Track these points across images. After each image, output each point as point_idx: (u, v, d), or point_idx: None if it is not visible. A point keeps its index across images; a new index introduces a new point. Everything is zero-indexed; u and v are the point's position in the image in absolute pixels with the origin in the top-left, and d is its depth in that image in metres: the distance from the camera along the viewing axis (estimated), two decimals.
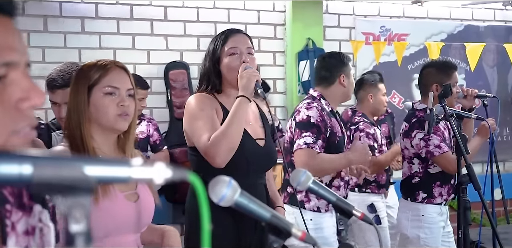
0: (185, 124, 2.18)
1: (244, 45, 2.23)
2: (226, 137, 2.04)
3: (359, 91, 4.02)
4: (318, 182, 1.63)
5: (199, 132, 2.09)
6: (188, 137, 2.19)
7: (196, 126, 2.12)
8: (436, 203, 3.25)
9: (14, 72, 0.76)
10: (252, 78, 2.12)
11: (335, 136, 2.85)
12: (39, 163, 0.61)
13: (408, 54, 5.30)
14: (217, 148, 2.03)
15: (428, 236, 3.25)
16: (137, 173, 0.65)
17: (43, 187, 0.62)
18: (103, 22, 4.51)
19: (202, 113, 2.13)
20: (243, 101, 2.11)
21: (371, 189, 3.91)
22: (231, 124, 2.07)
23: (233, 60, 2.19)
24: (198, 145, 2.10)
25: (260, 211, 1.21)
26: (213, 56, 2.22)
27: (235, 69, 2.17)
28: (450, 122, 2.59)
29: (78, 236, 0.62)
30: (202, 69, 2.28)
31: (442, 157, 3.09)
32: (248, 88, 2.12)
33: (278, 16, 4.98)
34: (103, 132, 1.70)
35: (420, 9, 5.49)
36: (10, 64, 0.75)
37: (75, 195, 0.62)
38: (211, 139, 2.04)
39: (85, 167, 0.63)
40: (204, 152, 2.08)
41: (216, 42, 2.24)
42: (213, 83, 2.22)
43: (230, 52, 2.20)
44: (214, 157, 2.04)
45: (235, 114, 2.09)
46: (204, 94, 2.21)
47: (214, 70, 2.21)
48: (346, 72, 3.01)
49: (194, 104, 2.16)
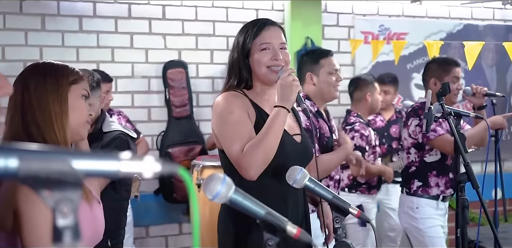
0: (214, 126, 2.05)
1: (278, 39, 2.08)
2: (261, 150, 1.90)
3: (355, 91, 4.01)
4: (314, 179, 1.63)
5: (230, 141, 1.96)
6: (218, 140, 2.05)
7: (225, 133, 1.98)
8: (432, 195, 3.27)
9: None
10: (295, 88, 1.97)
11: (323, 137, 2.85)
12: (26, 156, 0.60)
13: (407, 53, 5.29)
14: (252, 161, 1.89)
15: (427, 226, 3.28)
16: (126, 167, 0.64)
17: (30, 181, 0.61)
18: (101, 21, 4.50)
19: (232, 116, 1.98)
20: (283, 113, 1.96)
21: (361, 191, 3.92)
22: (267, 136, 1.92)
23: (264, 55, 2.05)
24: (229, 154, 1.97)
25: (254, 208, 1.20)
26: (242, 49, 2.07)
27: (265, 64, 2.05)
28: (448, 120, 2.58)
29: (66, 230, 0.61)
30: (231, 62, 2.12)
31: (438, 140, 3.15)
32: (290, 99, 1.97)
33: (276, 15, 4.97)
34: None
35: (419, 8, 5.48)
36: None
37: (63, 189, 0.61)
38: (245, 150, 1.91)
39: (73, 161, 0.62)
40: (236, 163, 1.95)
41: (247, 34, 2.08)
42: (243, 77, 2.08)
43: (262, 47, 2.05)
44: (247, 169, 1.90)
45: (272, 125, 1.94)
46: (233, 92, 2.06)
47: (244, 64, 2.07)
48: (315, 70, 2.93)
49: (223, 105, 2.01)
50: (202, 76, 4.77)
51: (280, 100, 1.98)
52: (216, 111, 2.03)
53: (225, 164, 2.09)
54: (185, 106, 4.62)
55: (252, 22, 2.13)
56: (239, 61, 2.08)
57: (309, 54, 3.09)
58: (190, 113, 4.64)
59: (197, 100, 4.76)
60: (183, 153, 4.55)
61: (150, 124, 4.57)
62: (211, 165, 3.86)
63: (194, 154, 4.53)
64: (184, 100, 4.62)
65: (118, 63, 4.52)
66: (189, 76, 4.67)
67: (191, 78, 4.69)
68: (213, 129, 2.07)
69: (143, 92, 4.62)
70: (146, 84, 4.62)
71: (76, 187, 0.62)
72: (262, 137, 1.92)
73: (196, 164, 3.92)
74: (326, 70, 2.92)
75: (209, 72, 4.78)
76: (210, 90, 4.79)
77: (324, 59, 2.95)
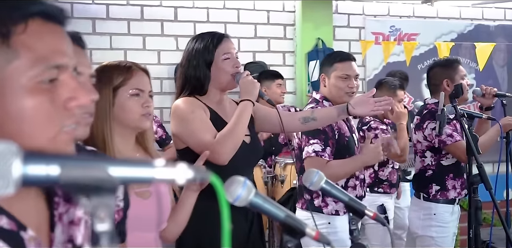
0: (177, 127, 2.24)
1: (235, 50, 2.34)
2: (232, 136, 2.16)
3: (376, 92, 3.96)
4: (330, 182, 1.64)
5: (199, 133, 2.18)
6: (182, 140, 2.24)
7: (192, 128, 2.20)
8: (450, 199, 3.25)
9: (64, 74, 0.83)
10: (256, 84, 2.28)
11: (344, 137, 2.83)
12: (66, 164, 0.62)
13: (418, 54, 5.29)
14: (224, 146, 2.14)
15: (439, 235, 3.25)
16: (160, 173, 0.67)
17: (69, 187, 0.63)
18: (114, 22, 4.54)
19: (195, 115, 2.21)
20: (249, 105, 2.25)
21: (383, 189, 3.91)
22: (237, 124, 2.19)
23: (227, 64, 2.28)
24: (200, 144, 2.17)
25: (274, 211, 1.22)
26: (204, 58, 2.26)
27: (229, 73, 2.28)
28: (461, 122, 2.59)
29: (103, 235, 0.64)
30: (186, 70, 2.29)
31: (454, 146, 3.09)
32: (253, 93, 2.27)
33: (288, 16, 4.99)
34: (124, 131, 1.77)
35: (430, 8, 5.48)
36: (60, 66, 0.82)
37: (100, 195, 0.64)
38: (218, 137, 2.15)
39: (110, 168, 0.65)
40: (209, 149, 2.11)
41: (206, 45, 2.28)
42: (201, 85, 2.28)
43: (225, 56, 2.27)
44: (220, 154, 2.14)
45: (241, 115, 2.21)
46: (189, 98, 2.27)
47: (204, 72, 2.27)
48: (328, 72, 2.91)
49: (184, 107, 2.22)
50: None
51: (245, 95, 2.25)
52: (177, 113, 2.24)
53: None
54: None
55: (207, 34, 2.33)
56: (198, 70, 2.27)
57: (329, 55, 3.09)
58: None
59: None
60: None
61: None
62: None
63: None
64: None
65: None
66: None
67: None
68: (176, 130, 2.25)
69: (155, 93, 4.60)
70: (158, 85, 4.66)
71: (112, 193, 0.65)
72: (232, 126, 2.18)
73: None
74: (337, 74, 2.86)
75: None
76: None
77: (339, 63, 2.88)
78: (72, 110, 0.82)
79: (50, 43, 0.82)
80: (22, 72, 0.80)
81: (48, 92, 0.81)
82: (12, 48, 0.80)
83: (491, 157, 3.39)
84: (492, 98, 3.31)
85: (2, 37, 0.79)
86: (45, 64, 0.80)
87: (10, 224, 0.81)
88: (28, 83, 0.80)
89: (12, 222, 0.82)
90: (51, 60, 0.81)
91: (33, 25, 0.81)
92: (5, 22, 0.79)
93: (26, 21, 0.80)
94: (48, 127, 0.81)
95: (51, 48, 0.82)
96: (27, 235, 0.83)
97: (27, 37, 0.80)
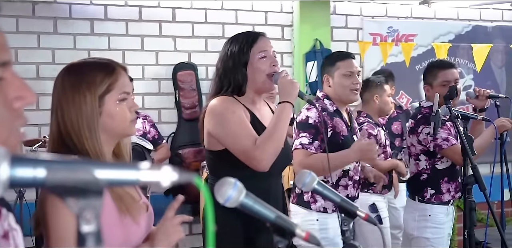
0: (215, 128, 2.13)
1: (271, 48, 2.25)
2: (273, 141, 2.06)
3: (365, 92, 4.02)
4: (323, 183, 1.66)
5: (240, 137, 2.08)
6: (220, 141, 2.13)
7: (233, 131, 2.10)
8: (444, 201, 3.26)
9: (8, 72, 0.77)
10: (295, 84, 2.17)
11: (339, 136, 2.85)
12: (53, 166, 0.64)
13: (415, 55, 5.31)
14: (265, 153, 2.05)
15: (435, 237, 3.26)
16: (145, 176, 0.68)
17: (56, 189, 0.65)
18: (112, 23, 4.56)
19: (234, 115, 2.11)
20: (288, 107, 2.15)
21: (373, 190, 3.93)
22: (277, 128, 2.09)
23: (263, 63, 2.19)
24: (241, 149, 2.08)
25: (265, 212, 1.24)
26: (239, 59, 2.19)
27: (265, 72, 2.20)
28: (455, 123, 2.61)
29: (89, 236, 0.65)
30: (223, 70, 2.22)
31: (450, 150, 3.10)
32: (292, 94, 2.16)
33: (285, 17, 5.01)
34: (109, 139, 1.55)
35: (427, 9, 5.50)
36: (5, 63, 0.76)
37: (86, 197, 0.65)
38: (258, 143, 2.05)
39: (96, 171, 0.66)
40: (248, 156, 2.07)
41: (241, 44, 2.21)
42: (238, 86, 2.19)
43: (261, 55, 2.19)
44: (261, 161, 2.05)
45: (280, 118, 2.11)
46: (228, 97, 2.18)
47: (241, 72, 2.19)
48: (331, 72, 2.96)
49: (223, 107, 2.13)
50: (211, 78, 4.79)
51: (283, 96, 2.15)
52: (216, 113, 2.13)
53: (212, 165, 2.23)
54: (195, 108, 4.67)
55: (242, 35, 2.27)
56: (235, 70, 2.19)
57: (329, 56, 3.13)
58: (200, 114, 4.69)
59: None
60: (193, 154, 4.60)
61: (161, 126, 4.62)
62: None
63: (204, 155, 4.57)
64: (194, 101, 4.67)
65: (129, 65, 4.50)
66: (199, 78, 4.72)
67: (201, 80, 4.74)
68: (212, 131, 2.15)
69: (153, 94, 4.67)
70: (156, 86, 4.67)
71: (98, 195, 0.66)
72: (272, 130, 2.08)
73: (205, 166, 3.97)
74: (341, 72, 2.93)
75: None
76: None
77: (341, 62, 2.96)
78: (20, 110, 0.77)
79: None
80: None
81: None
82: None
83: (488, 158, 3.39)
84: (485, 99, 3.32)
85: None
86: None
87: None
88: None
89: None
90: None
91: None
92: None
93: None
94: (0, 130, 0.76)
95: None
96: None
97: None
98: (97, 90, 1.49)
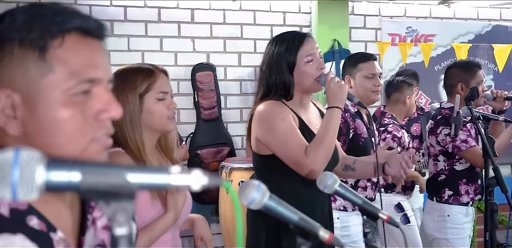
0: (263, 134, 2.10)
1: (317, 49, 2.19)
2: (323, 148, 2.03)
3: (395, 92, 3.94)
4: (344, 185, 1.66)
5: (289, 145, 2.05)
6: (268, 147, 2.11)
7: (282, 138, 2.06)
8: (463, 203, 3.24)
9: (97, 87, 0.85)
10: (344, 88, 2.11)
11: (359, 138, 2.85)
12: (87, 171, 0.65)
13: (434, 55, 5.27)
14: (316, 160, 2.01)
15: (454, 237, 3.25)
16: (175, 180, 0.69)
17: (89, 193, 0.66)
18: (131, 25, 4.59)
19: (284, 123, 2.07)
20: (338, 112, 2.10)
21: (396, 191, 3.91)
22: (327, 135, 2.05)
23: (311, 67, 2.14)
24: (290, 157, 2.06)
25: (288, 214, 1.25)
26: (286, 62, 2.14)
27: (313, 76, 2.14)
28: (477, 124, 2.59)
29: (122, 239, 0.66)
30: (269, 73, 2.17)
31: (469, 152, 3.09)
32: (342, 99, 2.11)
33: (304, 17, 5.00)
34: (151, 134, 1.79)
35: (447, 9, 5.45)
36: (93, 80, 0.84)
37: (118, 200, 0.67)
38: (309, 150, 2.02)
39: (128, 175, 0.67)
40: (299, 163, 2.04)
41: (287, 47, 2.15)
42: (286, 89, 2.15)
43: (308, 59, 2.14)
44: (313, 168, 2.01)
45: (330, 124, 2.07)
46: (276, 101, 2.14)
47: (289, 76, 2.14)
48: (352, 73, 2.97)
49: (273, 112, 2.09)
50: (230, 78, 4.83)
51: (333, 101, 2.10)
52: (264, 118, 2.09)
53: (259, 168, 2.20)
54: (213, 108, 4.69)
55: (288, 35, 2.20)
56: (282, 74, 2.13)
57: (351, 57, 3.13)
58: (218, 115, 4.71)
59: (225, 102, 4.83)
60: (211, 154, 4.61)
61: (180, 126, 4.64)
62: (239, 167, 3.92)
63: (222, 155, 4.60)
64: (213, 102, 4.69)
65: None
66: (218, 79, 4.73)
67: (219, 80, 4.75)
68: (260, 136, 2.11)
69: (172, 94, 4.68)
70: (175, 86, 4.69)
71: (131, 198, 0.67)
72: (322, 137, 2.05)
73: (224, 166, 3.98)
74: (363, 74, 2.95)
75: (237, 74, 4.84)
76: (238, 92, 4.85)
77: (363, 63, 2.97)
78: (104, 121, 0.85)
79: (84, 57, 0.85)
80: (56, 85, 0.83)
81: (80, 104, 0.83)
82: (47, 62, 0.83)
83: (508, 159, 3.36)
84: (503, 101, 3.29)
85: (39, 50, 0.82)
86: (78, 78, 0.83)
87: (41, 224, 0.84)
88: (61, 96, 0.83)
89: (42, 222, 0.84)
90: (84, 74, 0.84)
91: (70, 39, 0.84)
92: (44, 36, 0.82)
93: (63, 36, 0.83)
94: (80, 138, 0.83)
95: (85, 62, 0.84)
96: (56, 237, 0.85)
97: (63, 52, 0.83)
98: (137, 90, 1.75)
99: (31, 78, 0.82)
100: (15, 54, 0.82)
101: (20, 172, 0.62)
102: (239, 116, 4.84)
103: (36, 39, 0.82)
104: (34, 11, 0.84)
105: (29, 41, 0.82)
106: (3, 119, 0.83)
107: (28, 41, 0.82)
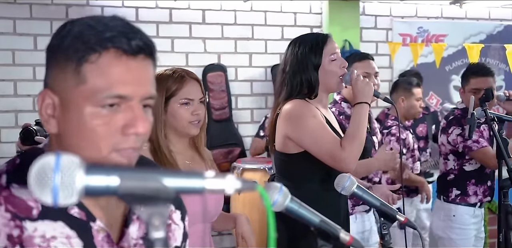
0: (294, 132, 2.16)
1: (338, 49, 2.29)
2: (357, 142, 2.12)
3: (393, 93, 3.98)
4: (362, 187, 1.67)
5: (324, 140, 2.12)
6: (301, 145, 2.17)
7: (316, 134, 2.13)
8: (470, 203, 3.24)
9: (127, 103, 0.89)
10: (371, 85, 2.23)
11: None
12: (125, 175, 0.67)
13: (446, 55, 5.25)
14: (351, 153, 2.10)
15: (459, 237, 3.25)
16: (210, 184, 0.71)
17: (127, 197, 0.67)
18: (143, 25, 4.52)
19: (315, 119, 2.14)
20: (366, 107, 2.20)
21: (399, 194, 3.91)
22: (359, 129, 2.14)
23: (335, 65, 2.22)
24: (326, 152, 2.12)
25: (309, 216, 1.26)
26: (311, 61, 2.21)
27: (338, 75, 2.23)
28: (491, 126, 2.59)
29: (158, 242, 0.68)
30: (293, 73, 2.24)
31: (480, 152, 3.09)
32: (370, 94, 2.22)
33: (314, 18, 5.01)
34: (177, 136, 1.91)
35: (458, 9, 5.43)
36: (122, 96, 0.88)
37: (155, 204, 0.68)
38: (344, 145, 2.10)
39: (164, 179, 0.68)
40: (335, 158, 2.10)
41: (312, 47, 2.22)
42: (312, 88, 2.22)
43: (332, 57, 2.22)
44: (348, 163, 2.10)
45: (360, 118, 2.16)
46: (302, 100, 2.21)
47: (314, 76, 2.21)
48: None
49: (303, 110, 2.16)
50: (241, 79, 4.84)
51: (361, 97, 2.20)
52: (294, 116, 2.16)
53: (284, 167, 2.25)
54: (224, 109, 4.70)
55: (310, 36, 2.29)
56: (307, 74, 2.20)
57: (347, 57, 3.12)
58: (229, 115, 4.72)
59: (236, 103, 4.84)
60: (222, 155, 4.63)
61: None
62: (251, 168, 3.94)
63: (233, 156, 4.61)
64: (224, 103, 4.71)
65: (160, 66, 4.50)
66: (228, 79, 4.75)
67: (230, 81, 4.77)
68: (290, 134, 2.17)
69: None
70: None
71: (167, 202, 0.68)
72: (355, 131, 2.13)
73: (236, 167, 4.00)
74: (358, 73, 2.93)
75: (248, 75, 4.85)
76: (249, 93, 4.86)
77: (358, 63, 2.96)
78: (130, 136, 0.88)
79: (117, 74, 0.88)
80: (86, 96, 0.87)
81: (106, 117, 0.87)
82: (81, 74, 0.87)
83: None
84: None
85: (77, 62, 0.87)
86: (106, 93, 0.87)
87: (81, 213, 0.90)
88: (90, 107, 0.87)
89: (82, 212, 0.90)
90: (113, 90, 0.87)
91: (107, 55, 0.88)
92: (83, 49, 0.87)
93: (101, 52, 0.87)
94: (102, 147, 0.87)
95: (117, 79, 0.88)
96: (96, 226, 0.91)
97: (97, 67, 0.87)
98: (165, 93, 1.86)
99: (68, 85, 0.89)
100: (60, 61, 0.89)
101: (61, 177, 0.63)
102: (250, 117, 4.85)
103: (76, 51, 0.87)
104: (88, 24, 0.89)
105: (72, 52, 0.88)
106: (45, 117, 0.91)
107: (71, 52, 0.88)
